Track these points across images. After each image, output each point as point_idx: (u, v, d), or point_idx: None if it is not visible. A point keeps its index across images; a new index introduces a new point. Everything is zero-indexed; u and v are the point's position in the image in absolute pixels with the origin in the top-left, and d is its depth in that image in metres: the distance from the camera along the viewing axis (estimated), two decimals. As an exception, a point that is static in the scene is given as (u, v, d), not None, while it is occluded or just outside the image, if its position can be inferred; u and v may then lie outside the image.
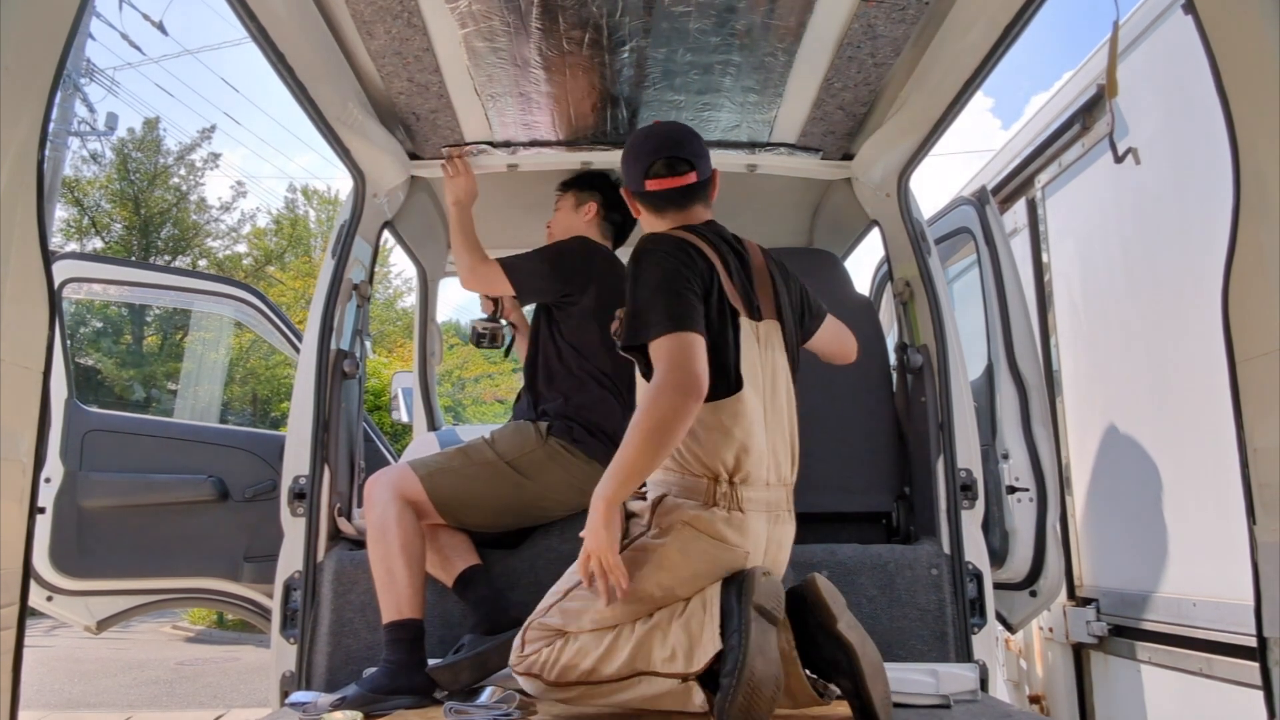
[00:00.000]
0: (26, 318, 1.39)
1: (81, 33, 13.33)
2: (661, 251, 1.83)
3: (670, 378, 1.69)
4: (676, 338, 1.72)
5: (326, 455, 2.53)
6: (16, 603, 1.36)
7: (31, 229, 1.38)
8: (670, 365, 1.70)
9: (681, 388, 1.68)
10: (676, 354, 1.71)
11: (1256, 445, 1.48)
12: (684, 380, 1.68)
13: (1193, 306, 2.58)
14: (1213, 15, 1.51)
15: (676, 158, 1.99)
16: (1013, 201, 3.80)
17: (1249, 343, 1.50)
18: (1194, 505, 2.64)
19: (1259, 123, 1.46)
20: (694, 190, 2.01)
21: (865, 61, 2.38)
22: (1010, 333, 3.11)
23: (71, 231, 18.29)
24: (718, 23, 2.18)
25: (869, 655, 1.82)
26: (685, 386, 1.68)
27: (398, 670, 2.11)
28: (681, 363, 1.70)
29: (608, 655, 1.79)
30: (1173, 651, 2.66)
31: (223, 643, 10.70)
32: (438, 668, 2.12)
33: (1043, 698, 3.55)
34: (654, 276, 1.79)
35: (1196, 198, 2.55)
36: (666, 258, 1.82)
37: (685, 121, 2.74)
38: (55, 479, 3.23)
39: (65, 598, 3.25)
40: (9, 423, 1.33)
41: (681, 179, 1.99)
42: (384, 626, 2.17)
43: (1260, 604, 1.49)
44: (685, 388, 1.68)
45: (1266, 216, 1.45)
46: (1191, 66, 2.15)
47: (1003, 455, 3.05)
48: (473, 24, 2.19)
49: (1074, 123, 3.20)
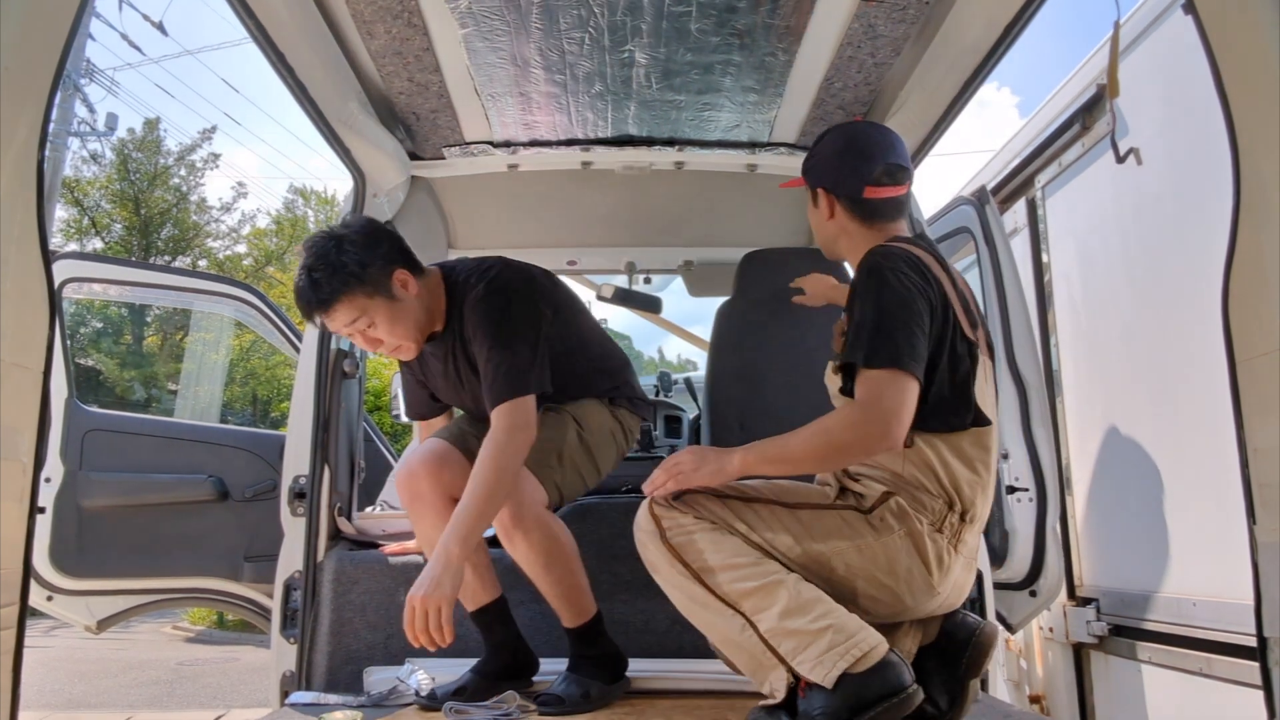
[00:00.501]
0: (26, 318, 1.38)
1: (81, 33, 13.33)
2: (900, 271, 1.71)
3: (876, 414, 1.60)
4: (896, 377, 1.61)
5: (326, 455, 2.53)
6: (16, 603, 1.36)
7: (31, 229, 1.38)
8: (881, 403, 1.60)
9: (882, 428, 1.59)
10: (892, 395, 1.61)
11: (1256, 445, 1.48)
12: (888, 425, 1.59)
13: (1193, 306, 2.58)
14: (1213, 15, 1.51)
15: (899, 165, 1.88)
16: (1013, 201, 3.80)
17: (1249, 342, 1.50)
18: (1194, 505, 2.64)
19: (1259, 123, 1.46)
20: (906, 200, 1.93)
21: (865, 61, 2.38)
22: (1010, 332, 3.10)
23: (71, 231, 18.29)
24: (718, 22, 2.18)
25: (962, 717, 1.78)
26: (886, 430, 1.59)
27: (604, 661, 2.12)
28: (894, 408, 1.60)
29: (737, 569, 1.68)
30: (1173, 651, 2.66)
31: (223, 643, 10.70)
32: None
33: (1043, 698, 3.55)
34: (889, 299, 1.67)
35: (1196, 198, 2.55)
36: (904, 279, 1.70)
37: (685, 121, 2.75)
38: (55, 479, 3.23)
39: (65, 598, 3.25)
40: (9, 423, 1.33)
41: (902, 188, 1.89)
42: (580, 628, 2.14)
43: (1260, 604, 1.49)
44: (885, 432, 1.59)
45: (1266, 216, 1.45)
46: (1192, 66, 2.15)
47: (1002, 455, 3.05)
48: (473, 24, 2.19)
49: (1074, 122, 3.20)
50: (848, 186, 1.88)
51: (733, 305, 3.17)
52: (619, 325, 64.32)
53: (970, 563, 1.79)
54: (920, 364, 1.65)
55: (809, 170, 1.97)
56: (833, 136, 1.94)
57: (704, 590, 1.70)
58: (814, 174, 1.95)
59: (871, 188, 1.86)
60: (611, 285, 3.82)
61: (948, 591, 1.76)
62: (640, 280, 4.10)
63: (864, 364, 1.64)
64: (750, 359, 3.07)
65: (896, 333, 1.64)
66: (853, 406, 1.64)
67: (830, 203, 1.91)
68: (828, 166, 1.91)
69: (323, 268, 2.03)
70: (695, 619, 1.75)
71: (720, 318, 3.17)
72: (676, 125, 2.77)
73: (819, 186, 1.93)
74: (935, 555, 1.70)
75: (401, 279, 2.11)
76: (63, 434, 3.29)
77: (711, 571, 1.70)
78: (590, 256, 4.06)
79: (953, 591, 1.78)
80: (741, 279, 3.17)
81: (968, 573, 1.80)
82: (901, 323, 1.65)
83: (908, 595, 1.71)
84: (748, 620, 1.66)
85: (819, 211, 1.94)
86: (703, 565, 1.71)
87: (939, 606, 1.78)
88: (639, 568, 1.82)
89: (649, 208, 3.53)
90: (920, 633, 1.81)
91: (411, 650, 2.38)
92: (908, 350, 1.63)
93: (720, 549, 1.71)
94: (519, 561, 2.14)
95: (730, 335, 3.11)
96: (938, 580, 1.71)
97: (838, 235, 1.93)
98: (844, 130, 1.95)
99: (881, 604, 1.72)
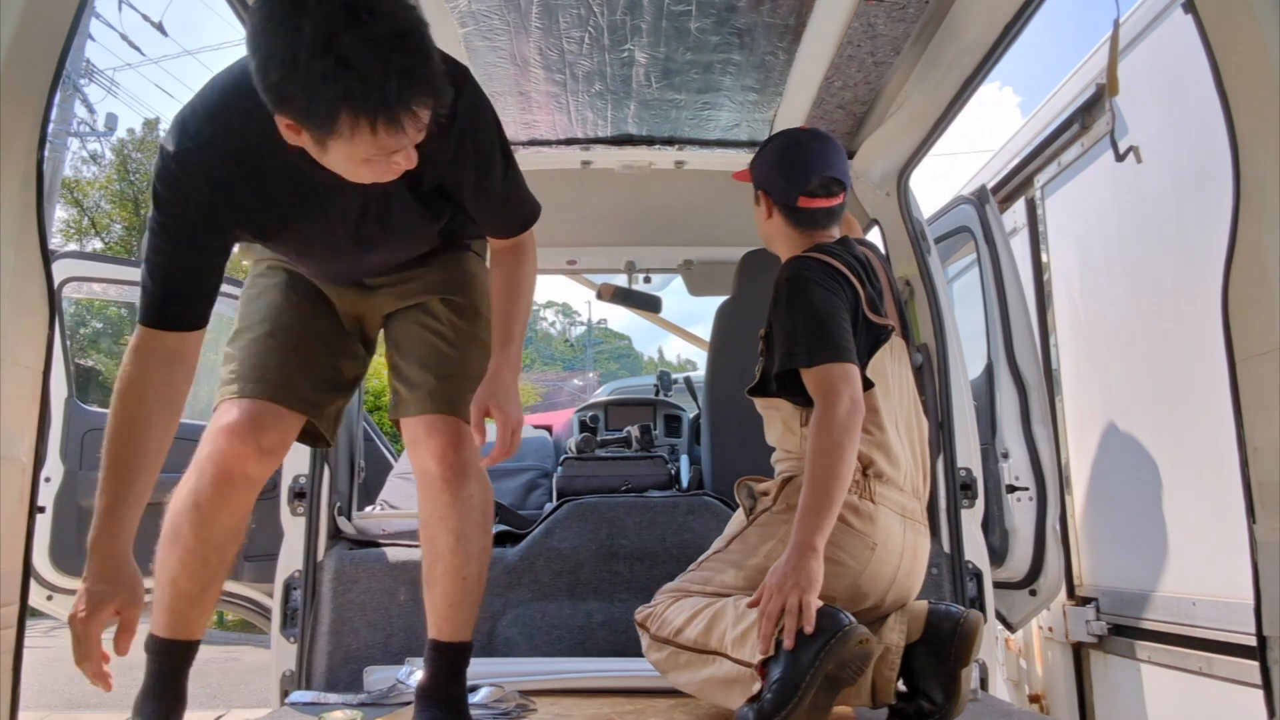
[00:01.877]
0: (26, 318, 1.39)
1: (81, 33, 13.33)
2: (817, 280, 1.86)
3: (841, 402, 1.73)
4: (840, 367, 1.77)
5: (326, 455, 2.53)
6: (16, 602, 1.36)
7: (31, 229, 1.39)
8: (839, 392, 1.74)
9: (853, 407, 1.74)
10: (842, 381, 1.76)
11: (1256, 444, 1.49)
12: (857, 405, 1.75)
13: (1192, 305, 2.58)
14: (1213, 14, 1.51)
15: (833, 179, 1.99)
16: (1012, 201, 3.80)
17: (1248, 342, 1.50)
18: (1193, 504, 2.64)
19: (1259, 121, 1.46)
20: (838, 211, 2.04)
21: (865, 60, 2.38)
22: (1010, 332, 3.11)
23: (71, 232, 18.31)
24: (718, 21, 2.19)
25: (959, 710, 1.81)
26: (856, 408, 1.74)
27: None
28: (850, 392, 1.75)
29: (695, 617, 1.81)
30: (1173, 651, 2.66)
31: (223, 643, 10.70)
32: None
33: (1042, 697, 3.55)
34: (814, 303, 1.83)
35: (1196, 197, 2.55)
36: (823, 284, 1.85)
37: (685, 121, 2.75)
38: (55, 478, 3.23)
39: (65, 597, 3.25)
40: (9, 422, 1.34)
41: (834, 200, 2.01)
42: (464, 647, 1.83)
43: (1260, 603, 1.49)
44: (856, 409, 1.74)
45: (1266, 216, 1.46)
46: (1191, 66, 2.15)
47: (1002, 454, 3.06)
48: (472, 23, 2.19)
49: (1073, 122, 3.20)
50: (784, 195, 2.01)
51: (733, 304, 3.17)
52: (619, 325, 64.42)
53: (911, 523, 1.88)
54: (853, 352, 1.81)
55: (753, 169, 2.09)
56: (776, 143, 2.07)
57: (679, 650, 1.82)
58: (756, 175, 2.08)
59: (805, 198, 1.98)
60: (611, 285, 3.82)
61: (889, 538, 1.82)
62: (640, 279, 4.10)
63: (807, 365, 1.79)
64: (750, 358, 3.07)
65: (827, 330, 1.80)
66: (819, 413, 1.75)
67: (769, 206, 2.05)
68: (768, 172, 2.04)
69: (430, 62, 1.40)
70: (693, 686, 1.83)
71: (720, 317, 3.17)
72: (676, 124, 2.78)
73: (760, 189, 2.07)
74: (850, 508, 1.78)
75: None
76: (63, 434, 3.29)
77: (679, 630, 1.83)
78: (590, 256, 4.06)
79: (903, 547, 1.85)
80: (741, 278, 3.17)
81: (914, 533, 1.88)
82: (829, 319, 1.81)
83: (848, 558, 1.78)
84: (715, 653, 1.75)
85: (759, 210, 2.08)
86: (673, 629, 1.84)
87: (896, 570, 1.84)
88: (639, 568, 1.84)
89: (649, 207, 3.53)
90: (905, 628, 1.83)
91: (412, 650, 2.39)
92: (841, 343, 1.80)
93: (681, 610, 1.86)
94: (456, 525, 1.74)
95: (730, 334, 3.10)
96: (864, 529, 1.79)
97: (774, 235, 2.08)
98: (786, 138, 2.08)
99: (833, 578, 1.75)
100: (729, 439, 2.95)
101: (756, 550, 1.85)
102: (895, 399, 1.93)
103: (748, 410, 2.06)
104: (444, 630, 1.77)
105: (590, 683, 2.20)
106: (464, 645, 1.79)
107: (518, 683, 2.11)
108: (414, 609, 2.47)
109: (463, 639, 1.79)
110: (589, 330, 51.65)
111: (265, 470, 1.78)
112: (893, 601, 1.86)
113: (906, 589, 1.88)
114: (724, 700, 1.77)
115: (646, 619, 1.94)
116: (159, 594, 1.76)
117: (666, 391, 4.43)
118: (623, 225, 3.73)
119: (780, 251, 2.06)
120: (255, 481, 1.77)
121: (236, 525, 1.80)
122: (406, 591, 2.44)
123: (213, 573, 1.79)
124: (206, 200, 1.50)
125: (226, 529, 1.77)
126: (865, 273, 1.95)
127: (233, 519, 1.78)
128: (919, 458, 1.96)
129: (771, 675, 1.62)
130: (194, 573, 1.75)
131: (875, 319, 1.91)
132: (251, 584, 3.37)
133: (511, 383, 1.69)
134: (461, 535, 1.74)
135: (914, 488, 1.93)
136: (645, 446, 3.25)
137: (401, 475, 3.25)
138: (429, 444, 1.75)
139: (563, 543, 2.50)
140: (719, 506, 2.58)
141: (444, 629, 1.77)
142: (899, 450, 1.88)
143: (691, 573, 1.97)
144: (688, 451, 3.86)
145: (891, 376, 1.93)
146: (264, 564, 3.22)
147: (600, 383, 14.63)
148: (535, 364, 47.70)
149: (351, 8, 1.26)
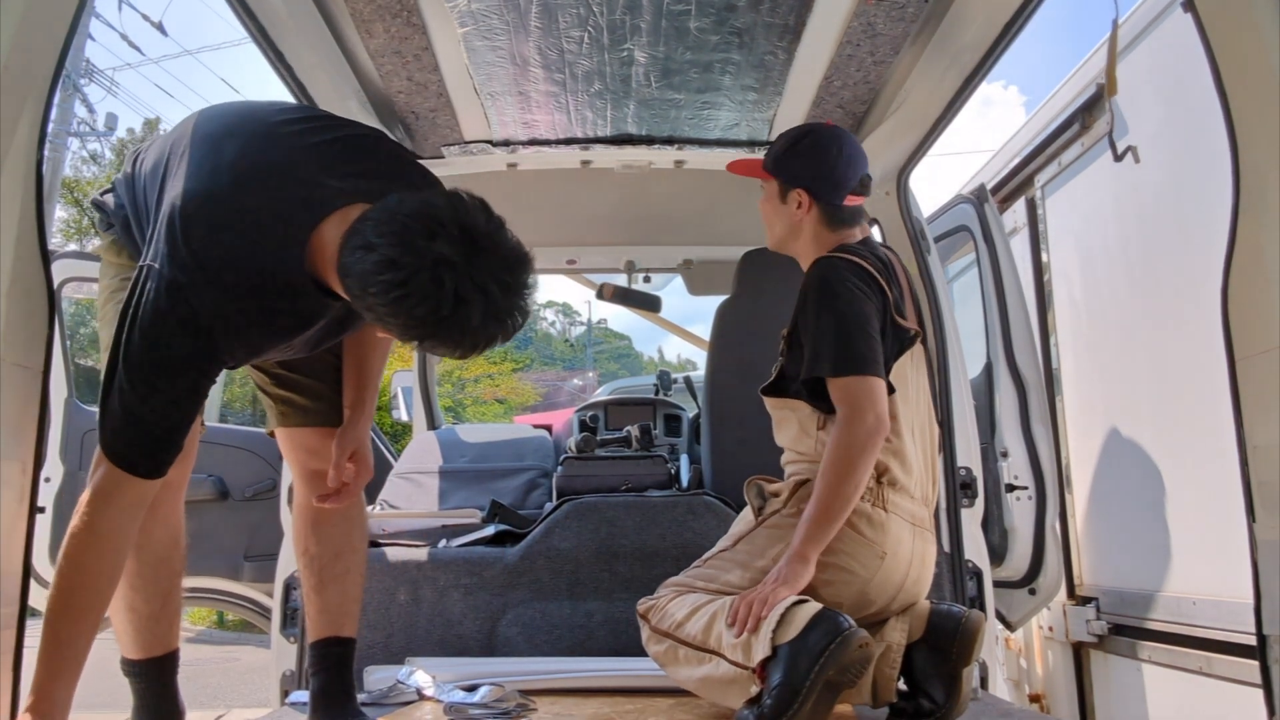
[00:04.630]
0: (26, 318, 1.39)
1: (81, 33, 13.32)
2: (849, 282, 1.84)
3: (866, 417, 1.73)
4: (866, 381, 1.76)
5: (326, 455, 2.53)
6: (16, 603, 1.36)
7: (31, 229, 1.39)
8: (863, 407, 1.74)
9: (877, 424, 1.73)
10: (867, 396, 1.75)
11: (1256, 443, 1.49)
12: (881, 421, 1.74)
13: (1192, 304, 2.58)
14: (1212, 14, 1.51)
15: (870, 176, 2.02)
16: (1012, 200, 3.80)
17: (1248, 340, 1.50)
18: (1194, 504, 2.64)
19: (1258, 122, 1.46)
20: (864, 209, 2.06)
21: (865, 60, 2.38)
22: (1009, 331, 3.11)
23: (71, 231, 18.28)
24: (717, 21, 2.18)
25: (960, 709, 1.81)
26: (880, 426, 1.73)
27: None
28: (875, 408, 1.74)
29: (696, 613, 1.81)
30: (1173, 650, 2.66)
31: (223, 643, 10.70)
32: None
33: (1042, 696, 3.56)
34: (844, 309, 1.81)
35: (1196, 196, 2.55)
36: (854, 289, 1.83)
37: (684, 120, 2.75)
38: (55, 479, 3.22)
39: (65, 597, 3.24)
40: (9, 422, 1.34)
41: (866, 198, 2.04)
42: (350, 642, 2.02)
43: (1260, 602, 1.50)
44: (879, 428, 1.73)
45: (1265, 215, 1.46)
46: (1191, 65, 2.15)
47: (1002, 453, 3.06)
48: (472, 23, 2.19)
49: (1073, 122, 3.20)
50: (832, 192, 1.97)
51: (732, 303, 3.17)
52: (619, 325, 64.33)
53: (921, 531, 1.87)
54: (881, 365, 1.79)
55: (784, 167, 2.03)
56: (814, 139, 2.02)
57: (678, 644, 1.83)
58: (790, 172, 2.01)
59: (851, 195, 1.98)
60: (611, 284, 3.82)
61: (898, 546, 1.81)
62: (640, 279, 4.09)
63: (832, 374, 1.77)
64: (750, 357, 3.06)
65: (856, 340, 1.77)
66: (841, 426, 1.74)
67: (807, 203, 1.98)
68: (812, 168, 1.99)
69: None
70: (691, 684, 1.83)
71: (720, 316, 3.17)
72: (676, 124, 2.77)
73: (798, 186, 2.00)
74: (862, 516, 1.77)
75: None
76: (62, 434, 3.29)
77: (680, 624, 1.83)
78: (590, 255, 4.05)
79: (912, 555, 1.83)
80: (741, 277, 3.17)
81: (923, 542, 1.87)
82: (859, 328, 1.78)
83: (858, 566, 1.78)
84: (714, 652, 1.75)
85: (786, 207, 2.01)
86: (673, 623, 1.85)
87: (904, 578, 1.82)
88: (638, 567, 1.84)
89: (648, 206, 3.53)
90: (907, 627, 1.83)
91: (411, 650, 2.39)
92: (870, 355, 1.77)
93: (683, 605, 1.86)
94: (362, 522, 1.98)
95: (730, 334, 3.10)
96: (874, 538, 1.78)
97: (799, 233, 2.02)
98: (826, 135, 2.04)
99: (842, 585, 1.77)
100: (729, 439, 2.95)
101: (764, 553, 1.84)
102: (913, 405, 1.91)
103: (748, 410, 2.06)
104: (346, 626, 1.93)
105: (590, 683, 2.20)
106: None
107: (518, 683, 2.11)
108: (414, 609, 2.47)
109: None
110: (589, 330, 51.60)
111: (179, 472, 1.70)
112: (898, 607, 1.86)
113: (913, 595, 1.87)
114: (722, 699, 1.77)
115: (649, 611, 1.94)
116: (119, 623, 1.73)
117: (666, 391, 4.42)
118: (622, 225, 3.73)
119: (800, 251, 2.03)
120: (172, 484, 1.69)
121: (173, 533, 1.77)
122: (406, 591, 2.45)
123: (167, 585, 1.77)
124: (223, 341, 1.50)
125: (163, 540, 1.75)
126: (890, 274, 1.94)
127: (166, 529, 1.76)
128: (930, 464, 1.95)
129: (771, 679, 1.62)
130: (148, 594, 1.73)
131: (901, 322, 1.90)
132: (251, 584, 3.37)
133: (368, 434, 1.86)
134: (363, 534, 1.96)
135: (924, 495, 1.92)
136: (645, 446, 3.25)
137: (401, 475, 3.25)
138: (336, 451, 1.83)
139: (563, 542, 2.50)
140: (719, 506, 2.58)
141: (346, 625, 1.91)
142: (913, 458, 1.87)
143: (697, 569, 1.97)
144: (687, 451, 3.86)
145: (911, 382, 1.91)
146: (264, 564, 3.23)
147: (600, 382, 14.64)
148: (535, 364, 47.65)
149: (502, 270, 1.37)
